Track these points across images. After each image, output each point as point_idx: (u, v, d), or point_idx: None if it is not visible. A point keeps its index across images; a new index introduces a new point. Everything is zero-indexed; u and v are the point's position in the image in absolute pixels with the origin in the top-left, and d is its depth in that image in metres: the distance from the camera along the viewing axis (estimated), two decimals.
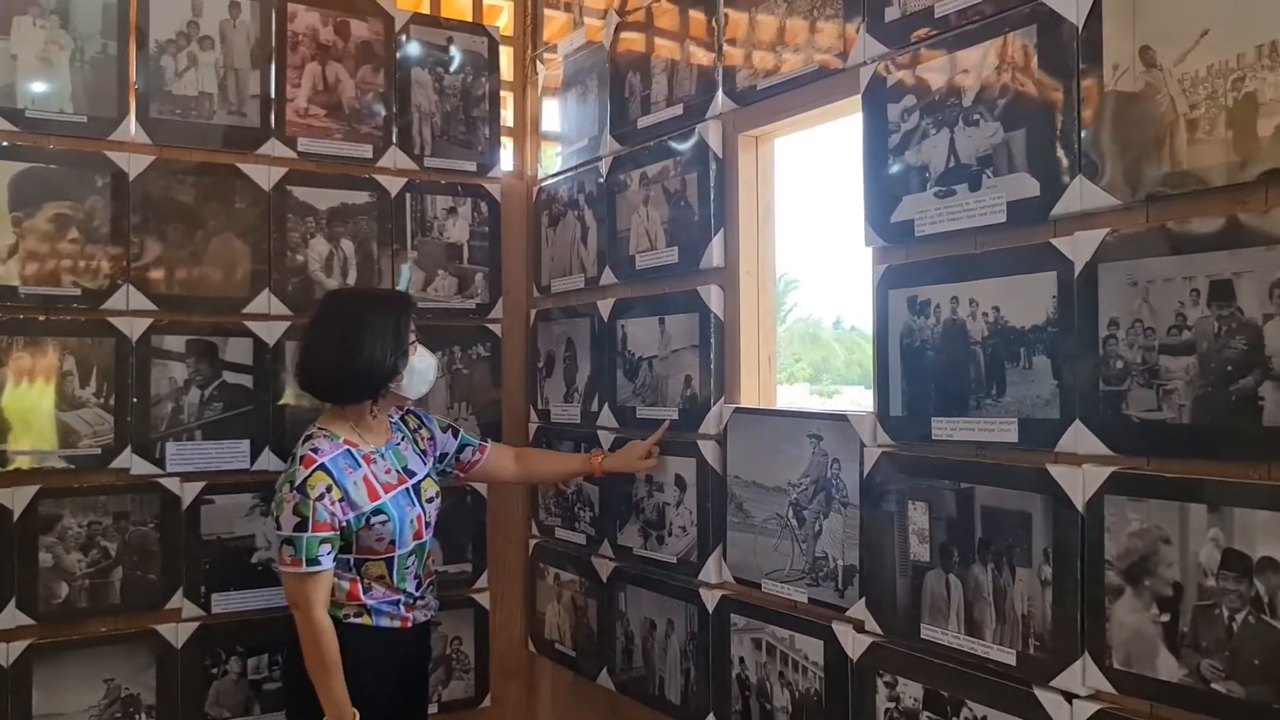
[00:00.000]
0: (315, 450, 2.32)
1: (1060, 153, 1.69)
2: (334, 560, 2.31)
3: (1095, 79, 1.64)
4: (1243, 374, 1.44)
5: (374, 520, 2.34)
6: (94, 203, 2.71)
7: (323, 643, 2.27)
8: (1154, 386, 1.56)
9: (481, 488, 3.24)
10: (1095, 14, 1.64)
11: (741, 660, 2.41)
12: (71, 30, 2.69)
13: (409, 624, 2.47)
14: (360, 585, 2.38)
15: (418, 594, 2.48)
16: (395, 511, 2.38)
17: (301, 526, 2.25)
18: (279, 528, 2.29)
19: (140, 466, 2.73)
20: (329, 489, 2.29)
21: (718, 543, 2.48)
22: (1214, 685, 1.47)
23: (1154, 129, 1.55)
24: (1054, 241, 1.70)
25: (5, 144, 2.61)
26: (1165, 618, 1.54)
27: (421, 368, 2.46)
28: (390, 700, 2.42)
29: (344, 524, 2.31)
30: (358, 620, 2.38)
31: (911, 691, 1.96)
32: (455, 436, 2.67)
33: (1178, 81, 1.52)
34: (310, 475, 2.28)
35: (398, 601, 2.43)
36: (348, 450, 2.38)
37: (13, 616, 2.58)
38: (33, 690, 2.60)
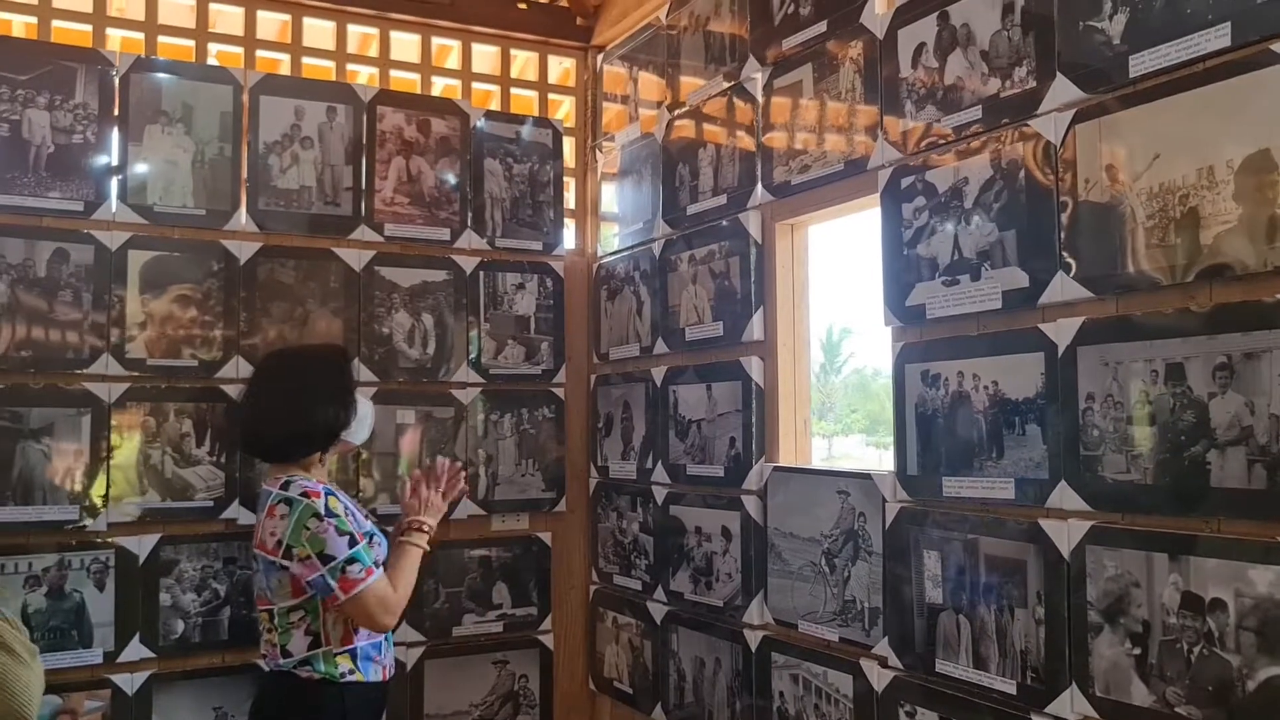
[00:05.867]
0: (310, 484, 2.46)
1: (1044, 250, 1.98)
2: None
3: (1071, 190, 1.93)
4: (1193, 443, 1.71)
5: (372, 543, 2.50)
6: (210, 284, 3.10)
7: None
8: (1124, 452, 1.82)
9: (546, 537, 3.55)
10: (1070, 136, 1.93)
11: (781, 694, 2.67)
12: (193, 136, 3.11)
13: (388, 674, 2.59)
14: (350, 625, 2.48)
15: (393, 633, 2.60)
16: (379, 536, 2.58)
17: (353, 541, 2.40)
18: (334, 557, 2.36)
19: (247, 517, 3.07)
20: (346, 510, 2.46)
21: (760, 588, 2.75)
22: (1177, 709, 1.72)
23: (1118, 234, 1.84)
24: (1041, 326, 1.99)
25: (138, 235, 3.01)
26: (1137, 651, 1.79)
27: (363, 412, 2.70)
28: None
29: None
30: (352, 678, 2.48)
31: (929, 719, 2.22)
32: None
33: (1136, 195, 1.81)
34: (328, 501, 2.43)
35: (379, 644, 2.54)
36: (325, 487, 2.50)
37: (137, 650, 2.93)
38: (152, 716, 2.94)
